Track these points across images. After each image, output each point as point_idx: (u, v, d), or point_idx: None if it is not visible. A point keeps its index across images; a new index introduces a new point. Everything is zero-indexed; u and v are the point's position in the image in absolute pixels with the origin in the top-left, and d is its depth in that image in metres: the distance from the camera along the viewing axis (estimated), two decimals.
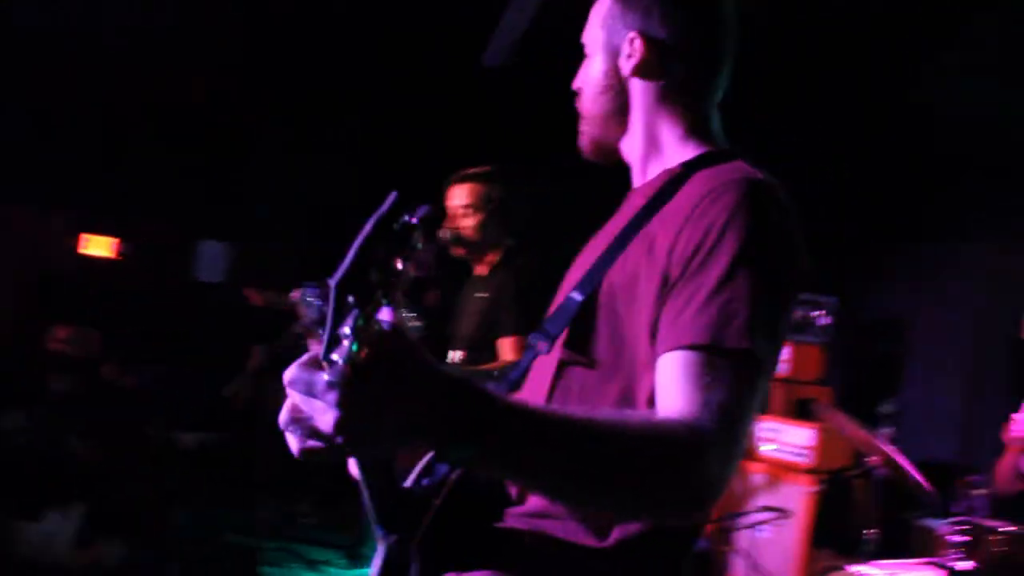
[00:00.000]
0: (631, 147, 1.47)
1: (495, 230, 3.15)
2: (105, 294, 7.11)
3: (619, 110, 1.44)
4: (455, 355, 3.14)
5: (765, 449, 5.94)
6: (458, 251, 3.20)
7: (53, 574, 3.90)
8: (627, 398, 1.28)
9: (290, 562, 5.39)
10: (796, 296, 1.29)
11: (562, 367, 1.38)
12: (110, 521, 4.45)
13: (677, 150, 1.41)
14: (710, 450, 1.11)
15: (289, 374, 0.95)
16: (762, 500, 5.67)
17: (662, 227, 1.28)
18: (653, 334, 1.23)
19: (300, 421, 0.94)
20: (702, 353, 1.16)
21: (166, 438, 5.87)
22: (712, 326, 1.16)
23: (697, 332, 1.17)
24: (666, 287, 1.23)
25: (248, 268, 7.45)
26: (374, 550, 4.46)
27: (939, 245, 6.79)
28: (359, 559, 5.44)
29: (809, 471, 5.45)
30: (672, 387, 1.17)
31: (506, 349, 2.94)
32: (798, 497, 5.39)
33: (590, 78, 1.48)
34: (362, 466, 1.27)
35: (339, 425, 0.89)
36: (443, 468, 1.32)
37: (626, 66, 1.41)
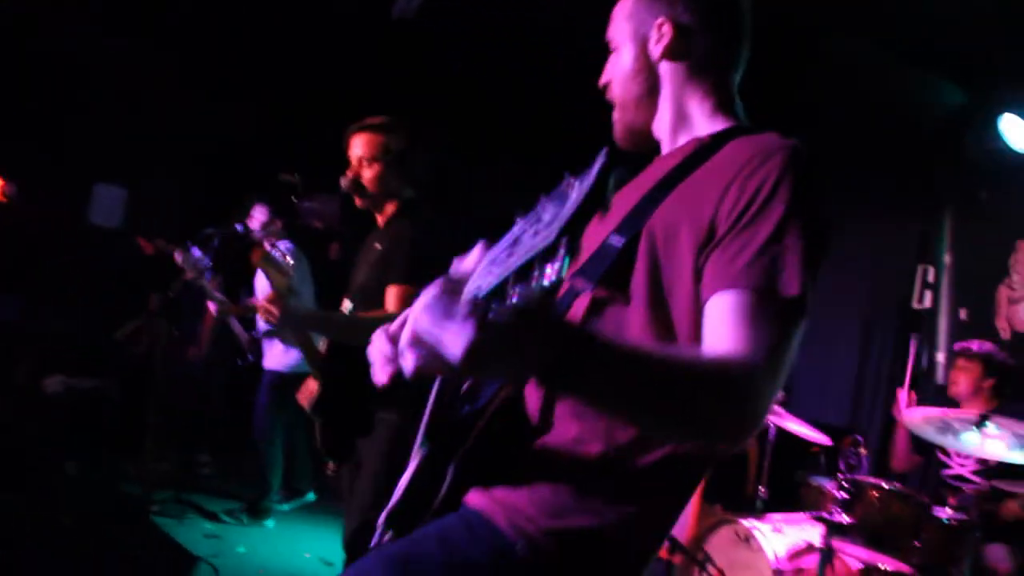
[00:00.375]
0: (661, 125, 1.58)
1: (393, 180, 3.11)
2: None
3: (650, 91, 1.57)
4: (346, 304, 3.11)
5: None
6: (359, 201, 3.15)
7: None
8: (664, 335, 1.38)
9: (187, 513, 5.31)
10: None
11: (596, 305, 1.46)
12: None
13: (706, 123, 1.53)
14: (758, 384, 1.22)
15: (426, 298, 1.07)
16: None
17: (705, 184, 1.38)
18: (698, 278, 1.34)
19: (423, 343, 1.07)
20: (756, 296, 1.26)
21: (62, 386, 5.69)
22: (766, 273, 1.27)
23: (752, 277, 1.27)
24: (712, 237, 1.33)
25: (145, 212, 7.23)
26: (275, 503, 4.43)
27: (831, 214, 6.96)
28: (260, 512, 5.39)
29: None
30: (725, 326, 1.27)
31: (392, 298, 2.90)
32: None
33: (619, 68, 1.60)
34: (440, 384, 1.45)
35: (471, 350, 1.02)
36: (485, 397, 1.44)
37: (655, 50, 1.54)
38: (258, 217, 5.41)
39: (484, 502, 1.42)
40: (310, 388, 3.14)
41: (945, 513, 3.86)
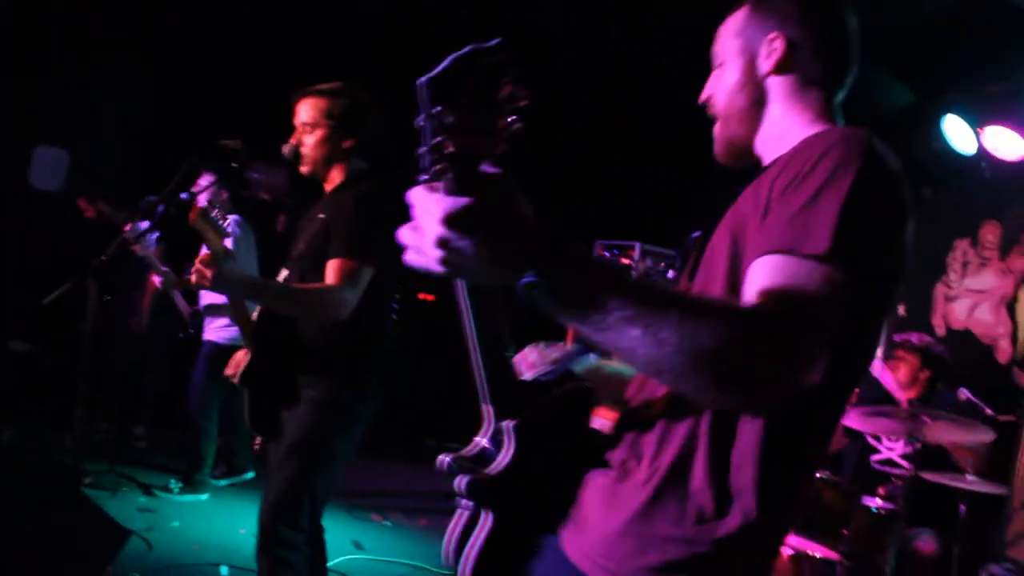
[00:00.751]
0: (762, 139, 1.60)
1: (336, 147, 3.04)
2: None
3: (755, 105, 1.58)
4: (283, 273, 3.07)
5: None
6: (302, 168, 3.08)
7: None
8: None
9: (122, 487, 5.23)
10: (896, 237, 1.36)
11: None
12: None
13: (804, 133, 1.52)
14: (757, 333, 1.17)
15: (412, 194, 1.12)
16: None
17: (769, 172, 1.41)
18: (750, 253, 1.34)
19: (414, 238, 1.12)
20: (780, 256, 1.26)
21: None
22: (794, 235, 1.26)
23: (780, 239, 1.27)
24: (763, 217, 1.35)
25: (88, 176, 7.05)
26: (212, 477, 4.37)
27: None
28: (195, 486, 5.33)
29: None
30: (749, 285, 1.27)
31: (331, 271, 2.84)
32: None
33: (724, 83, 1.61)
34: (479, 347, 1.48)
35: (440, 241, 1.08)
36: (560, 368, 1.52)
37: (764, 65, 1.56)
38: (204, 186, 5.31)
39: (572, 551, 1.43)
40: (238, 359, 3.09)
41: (874, 502, 3.96)
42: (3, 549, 3.88)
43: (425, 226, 1.10)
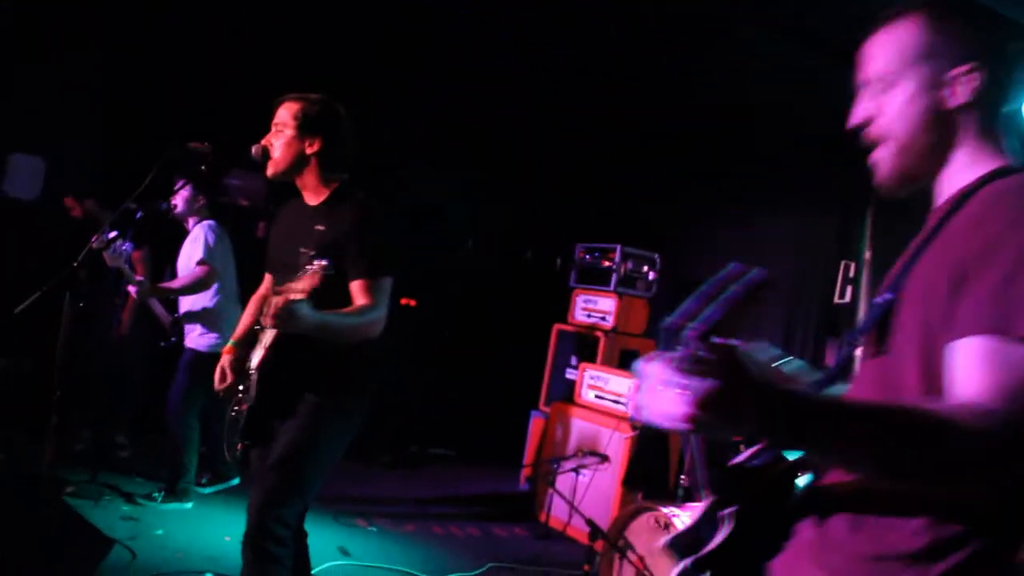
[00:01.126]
0: (948, 175, 1.54)
1: (299, 149, 3.06)
2: None
3: (941, 140, 1.51)
4: (267, 279, 3.09)
5: (588, 397, 6.14)
6: (268, 170, 3.10)
7: None
8: (926, 385, 1.37)
9: (105, 495, 5.19)
10: None
11: (866, 360, 1.53)
12: None
13: (976, 167, 1.49)
14: (996, 430, 1.21)
15: (652, 366, 1.23)
16: (584, 446, 5.86)
17: (953, 234, 1.40)
18: (946, 327, 1.33)
19: (653, 401, 1.23)
20: (988, 339, 1.26)
21: None
22: (1000, 316, 1.25)
23: (984, 318, 1.27)
24: (956, 285, 1.33)
25: (64, 184, 6.99)
26: (193, 484, 4.36)
27: (755, 212, 7.18)
28: (178, 493, 5.29)
29: (628, 418, 5.68)
30: (961, 373, 1.28)
31: (360, 293, 2.93)
32: (616, 443, 5.61)
33: (900, 110, 1.52)
34: (700, 448, 1.60)
35: (690, 417, 1.18)
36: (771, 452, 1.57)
37: (954, 97, 1.48)
38: (182, 193, 5.29)
39: None
40: (222, 370, 3.15)
41: None
42: None
43: (669, 398, 1.20)
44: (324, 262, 2.69)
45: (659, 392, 1.21)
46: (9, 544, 4.08)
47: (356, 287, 2.94)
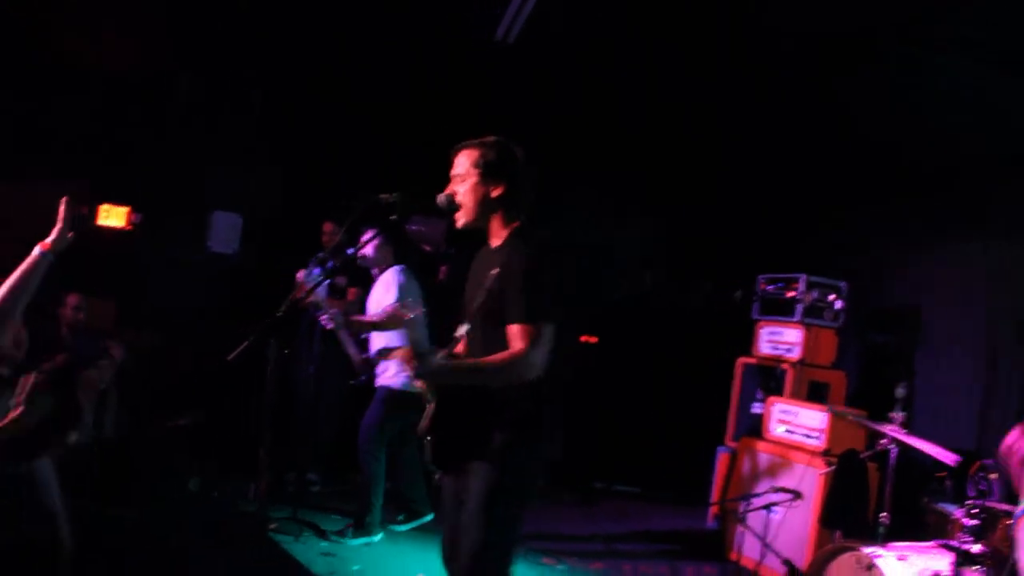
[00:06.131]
0: None
1: (485, 194, 3.13)
2: (118, 264, 7.14)
3: None
4: (461, 328, 3.15)
5: (777, 431, 5.93)
6: (457, 219, 3.18)
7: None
8: None
9: (302, 531, 5.42)
10: None
11: None
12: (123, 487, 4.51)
13: None
14: None
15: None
16: (774, 482, 5.67)
17: None
18: None
19: None
20: None
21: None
22: None
23: None
24: None
25: (259, 238, 7.47)
26: (378, 519, 4.47)
27: (949, 238, 6.84)
28: (366, 527, 5.45)
29: (821, 453, 5.45)
30: None
31: (515, 337, 2.94)
32: (809, 479, 5.39)
33: None
34: None
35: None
36: None
37: None
38: (368, 241, 5.50)
39: None
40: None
41: None
42: None
43: None
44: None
45: None
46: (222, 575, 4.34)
47: (512, 331, 2.95)
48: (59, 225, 3.25)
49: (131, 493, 4.66)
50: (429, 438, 3.01)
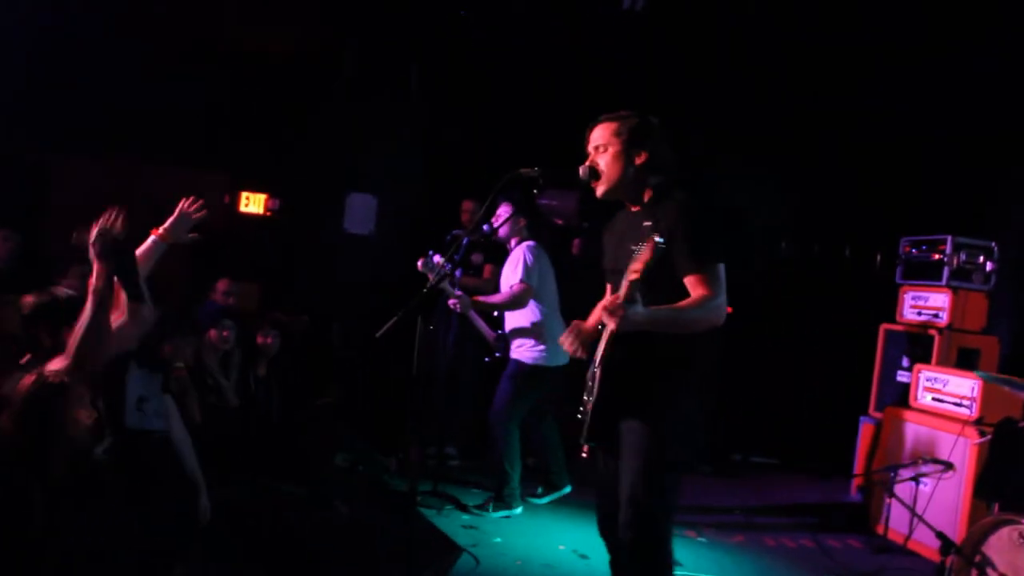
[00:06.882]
0: None
1: (628, 161, 3.14)
2: (257, 249, 7.43)
3: None
4: (608, 287, 3.16)
5: (925, 400, 5.73)
6: (598, 189, 3.19)
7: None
8: None
9: (444, 505, 5.56)
10: None
11: None
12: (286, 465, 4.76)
13: None
14: None
15: None
16: (921, 453, 5.49)
17: None
18: None
19: None
20: None
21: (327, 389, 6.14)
22: None
23: None
24: None
25: (397, 221, 7.63)
26: (517, 490, 4.56)
27: None
28: (505, 499, 5.54)
29: (973, 422, 5.23)
30: None
31: (696, 286, 2.96)
32: (961, 449, 5.19)
33: None
34: None
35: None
36: None
37: None
38: (502, 215, 5.56)
39: None
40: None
41: None
42: (355, 557, 4.28)
43: None
44: (658, 238, 2.74)
45: None
46: (373, 549, 4.51)
47: (690, 281, 2.97)
48: (174, 218, 3.48)
49: (298, 470, 4.89)
50: (586, 412, 3.03)
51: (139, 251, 3.38)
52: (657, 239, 2.77)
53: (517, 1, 6.60)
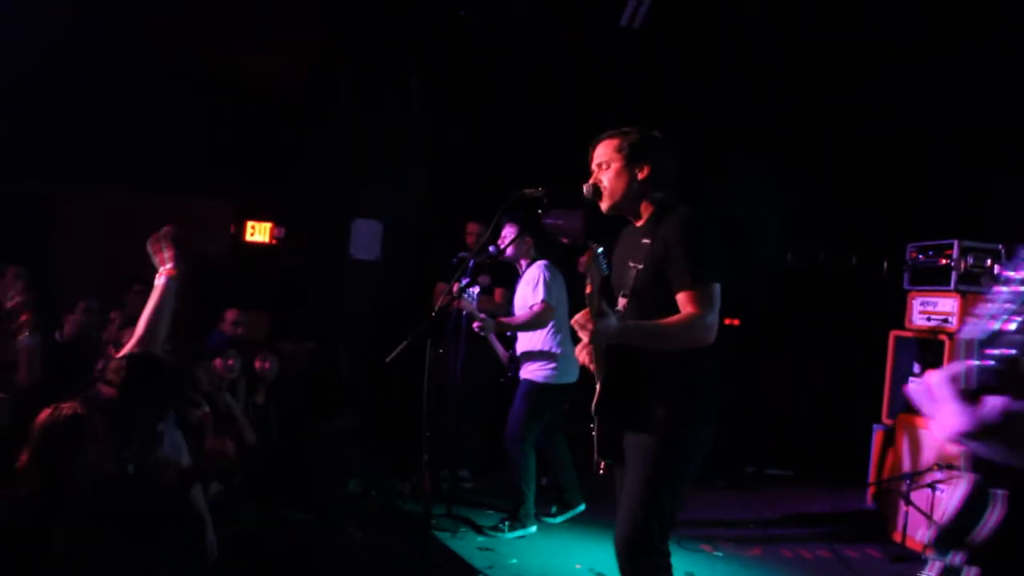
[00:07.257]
0: None
1: (631, 177, 3.14)
2: (264, 278, 7.44)
3: None
4: (620, 302, 3.16)
5: None
6: (602, 205, 3.20)
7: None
8: None
9: (458, 527, 5.54)
10: None
11: None
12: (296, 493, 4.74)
13: None
14: None
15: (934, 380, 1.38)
16: (936, 459, 5.46)
17: None
18: None
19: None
20: None
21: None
22: None
23: None
24: None
25: (402, 245, 7.65)
26: (532, 510, 4.53)
27: None
28: (521, 520, 5.52)
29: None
30: None
31: (687, 303, 2.94)
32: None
33: None
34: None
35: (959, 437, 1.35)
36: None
37: None
38: (508, 236, 5.57)
39: None
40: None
41: None
42: None
43: (945, 415, 1.36)
44: (598, 248, 2.77)
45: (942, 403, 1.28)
46: (388, 573, 4.49)
47: (682, 298, 2.95)
48: (167, 251, 3.53)
49: (305, 497, 4.87)
50: (595, 427, 3.03)
51: (154, 296, 3.42)
52: (597, 249, 2.79)
53: (517, 2, 6.61)
